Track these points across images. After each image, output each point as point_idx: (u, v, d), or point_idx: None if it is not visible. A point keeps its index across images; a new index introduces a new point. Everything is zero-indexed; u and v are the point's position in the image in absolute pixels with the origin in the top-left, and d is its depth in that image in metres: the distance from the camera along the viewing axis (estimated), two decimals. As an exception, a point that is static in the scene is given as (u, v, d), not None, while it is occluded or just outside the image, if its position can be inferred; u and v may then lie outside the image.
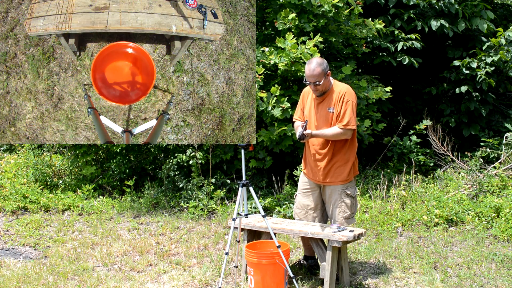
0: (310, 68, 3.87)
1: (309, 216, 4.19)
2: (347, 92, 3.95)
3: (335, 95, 3.96)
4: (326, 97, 4.00)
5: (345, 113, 3.90)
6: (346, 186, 4.06)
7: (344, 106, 3.91)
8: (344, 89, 3.97)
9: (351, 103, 3.92)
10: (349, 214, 4.06)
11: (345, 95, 3.93)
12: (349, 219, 4.08)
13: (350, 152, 4.04)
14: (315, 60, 3.90)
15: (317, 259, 4.31)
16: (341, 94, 3.94)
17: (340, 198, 4.05)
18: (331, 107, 3.96)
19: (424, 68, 8.25)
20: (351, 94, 3.96)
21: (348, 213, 4.06)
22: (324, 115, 4.00)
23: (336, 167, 4.03)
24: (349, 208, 4.05)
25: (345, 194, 4.04)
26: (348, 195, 4.05)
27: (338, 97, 3.94)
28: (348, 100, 3.92)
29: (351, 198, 4.07)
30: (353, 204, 4.09)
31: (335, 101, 3.95)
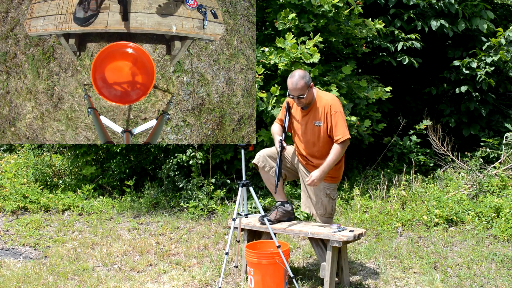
0: (293, 82, 3.83)
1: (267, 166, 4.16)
2: (332, 104, 3.91)
3: (321, 108, 3.92)
4: (311, 109, 3.97)
5: (337, 126, 3.87)
6: (329, 186, 4.08)
7: (334, 119, 3.88)
8: (330, 101, 3.93)
9: (339, 114, 3.89)
10: (323, 213, 4.11)
11: (331, 107, 3.89)
12: (323, 217, 4.12)
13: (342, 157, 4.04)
14: (297, 73, 3.86)
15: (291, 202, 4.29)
16: (327, 106, 3.90)
17: (319, 194, 4.08)
18: (318, 121, 3.93)
19: (424, 68, 8.26)
20: (337, 105, 3.92)
21: (322, 211, 4.11)
22: (311, 129, 3.98)
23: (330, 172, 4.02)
24: (324, 208, 4.10)
25: (325, 193, 4.08)
26: (327, 195, 4.08)
27: (325, 110, 3.91)
28: (336, 111, 3.88)
29: (331, 199, 4.10)
30: (331, 204, 4.13)
31: (322, 115, 3.92)
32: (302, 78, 3.82)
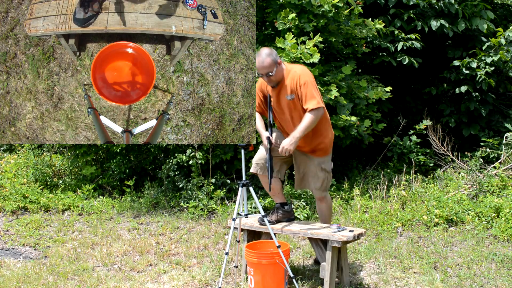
0: (260, 60, 3.81)
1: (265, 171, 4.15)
2: (301, 74, 3.84)
3: (289, 81, 3.87)
4: (282, 85, 3.93)
5: (307, 96, 3.82)
6: (323, 160, 4.09)
7: (304, 89, 3.82)
8: (298, 72, 3.86)
9: (309, 83, 3.82)
10: (320, 186, 4.13)
11: (300, 78, 3.83)
12: (319, 190, 4.15)
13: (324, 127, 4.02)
14: (263, 51, 3.83)
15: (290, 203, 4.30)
16: (296, 78, 3.84)
17: (315, 170, 4.09)
18: (290, 95, 3.89)
19: (424, 68, 8.26)
20: (305, 75, 3.85)
21: (319, 184, 4.12)
22: (286, 104, 3.95)
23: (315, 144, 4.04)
24: (321, 181, 4.10)
25: (320, 168, 4.08)
26: (323, 169, 4.09)
27: (294, 82, 3.85)
28: (306, 81, 3.82)
29: (326, 172, 4.11)
30: (327, 178, 4.14)
31: (292, 88, 3.87)
32: (268, 56, 3.80)
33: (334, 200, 6.11)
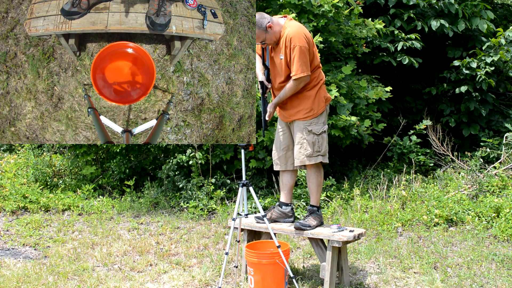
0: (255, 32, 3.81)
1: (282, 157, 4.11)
2: (292, 36, 3.71)
3: (282, 41, 3.80)
4: (278, 43, 3.87)
5: (293, 62, 3.74)
6: (309, 122, 3.93)
7: (292, 54, 3.74)
8: (290, 33, 3.73)
9: (298, 49, 3.68)
10: (311, 152, 3.90)
11: (291, 40, 3.71)
12: (311, 157, 3.90)
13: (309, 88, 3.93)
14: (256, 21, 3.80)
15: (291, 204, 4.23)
16: (288, 39, 3.72)
17: (302, 135, 3.92)
18: (281, 54, 3.83)
19: (424, 68, 8.26)
20: (297, 37, 3.71)
21: (310, 151, 3.89)
22: (278, 64, 3.89)
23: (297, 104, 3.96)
24: (310, 145, 3.90)
25: (307, 131, 3.91)
26: (310, 131, 3.91)
27: (285, 43, 3.77)
28: (295, 45, 3.69)
29: (315, 135, 3.91)
30: (317, 141, 3.91)
31: (283, 47, 3.80)
32: (258, 27, 3.78)
33: (334, 200, 6.11)
